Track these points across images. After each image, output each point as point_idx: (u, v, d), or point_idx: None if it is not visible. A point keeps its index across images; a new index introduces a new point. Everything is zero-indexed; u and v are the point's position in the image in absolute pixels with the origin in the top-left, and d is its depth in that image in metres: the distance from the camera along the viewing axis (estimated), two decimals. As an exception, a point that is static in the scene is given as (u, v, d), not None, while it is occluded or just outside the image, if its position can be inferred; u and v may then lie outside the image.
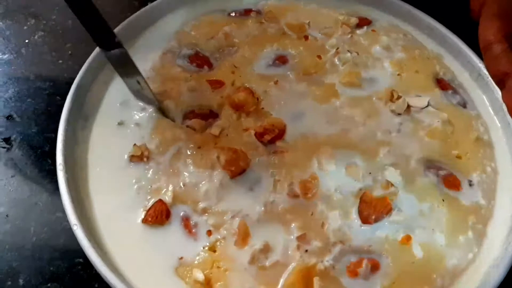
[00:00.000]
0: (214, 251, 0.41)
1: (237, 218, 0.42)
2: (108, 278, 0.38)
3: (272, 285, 0.40)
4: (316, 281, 0.39)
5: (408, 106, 0.49)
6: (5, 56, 0.64)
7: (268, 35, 0.55)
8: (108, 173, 0.45)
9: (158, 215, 0.42)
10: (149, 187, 0.44)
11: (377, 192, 0.43)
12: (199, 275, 0.39)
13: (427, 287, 0.40)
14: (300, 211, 0.43)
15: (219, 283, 0.40)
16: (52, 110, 0.58)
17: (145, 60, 0.54)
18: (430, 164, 0.46)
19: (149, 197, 0.44)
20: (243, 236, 0.42)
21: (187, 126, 0.48)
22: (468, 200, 0.45)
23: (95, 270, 0.39)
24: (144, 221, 0.42)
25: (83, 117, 0.49)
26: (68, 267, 0.47)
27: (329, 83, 0.51)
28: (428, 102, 0.49)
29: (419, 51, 0.55)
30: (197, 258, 0.41)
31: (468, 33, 0.47)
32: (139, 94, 0.49)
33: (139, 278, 0.40)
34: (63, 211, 0.41)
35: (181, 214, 0.43)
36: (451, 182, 0.45)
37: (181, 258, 0.41)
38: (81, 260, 0.47)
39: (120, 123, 0.48)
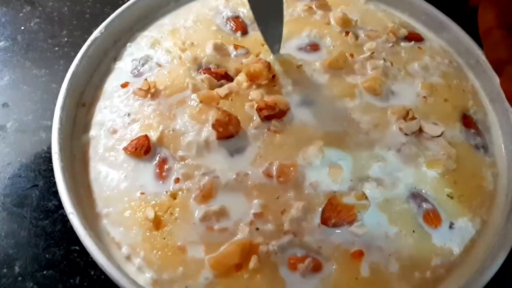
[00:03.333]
0: (174, 198, 0.43)
1: (207, 177, 0.43)
2: (105, 266, 0.38)
3: (212, 247, 0.40)
4: (253, 259, 0.39)
5: (420, 131, 0.47)
6: (1, 43, 0.63)
7: (312, 20, 0.55)
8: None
9: (138, 148, 0.44)
10: (143, 121, 0.46)
11: (348, 200, 0.42)
12: (150, 214, 0.41)
13: (360, 307, 0.39)
14: (268, 191, 0.43)
15: (166, 228, 0.41)
16: (48, 97, 0.58)
17: (190, 9, 0.56)
18: (416, 193, 0.44)
19: (138, 129, 0.46)
20: (205, 194, 0.42)
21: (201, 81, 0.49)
22: (442, 241, 0.42)
23: (91, 258, 0.39)
24: (125, 149, 0.45)
25: (80, 104, 0.50)
26: (64, 254, 0.47)
27: (350, 82, 0.50)
28: (442, 133, 0.47)
29: (457, 81, 0.52)
30: (156, 199, 0.43)
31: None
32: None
33: (101, 197, 0.43)
34: (59, 198, 0.42)
35: (160, 155, 0.45)
36: (431, 218, 0.43)
37: (143, 193, 0.43)
38: (77, 247, 0.47)
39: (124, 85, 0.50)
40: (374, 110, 0.48)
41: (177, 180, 0.43)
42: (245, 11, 0.55)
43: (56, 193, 0.42)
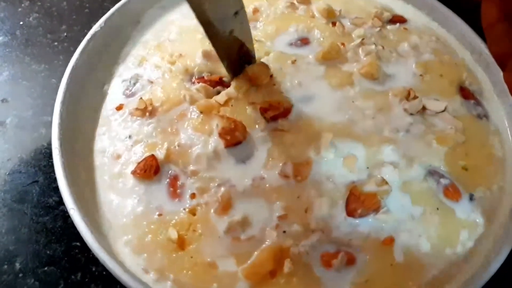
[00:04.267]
0: (194, 215, 0.41)
1: (222, 187, 0.42)
2: (106, 262, 0.38)
3: (243, 257, 0.39)
4: (286, 263, 0.39)
5: (424, 108, 0.47)
6: (0, 38, 0.63)
7: (296, 15, 0.55)
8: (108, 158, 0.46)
9: (147, 169, 0.43)
10: (146, 141, 0.45)
11: (370, 188, 0.42)
12: (173, 234, 0.40)
13: (400, 292, 0.39)
14: (287, 192, 0.42)
15: (191, 246, 0.40)
16: (48, 92, 0.57)
17: (171, 22, 0.55)
18: (432, 170, 0.44)
19: (142, 150, 0.44)
20: (225, 206, 0.41)
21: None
22: (465, 214, 0.42)
23: (92, 254, 0.39)
24: (133, 172, 0.43)
25: (79, 100, 0.48)
26: (65, 251, 0.47)
27: (347, 71, 0.50)
28: (446, 108, 0.47)
29: (448, 57, 0.52)
30: (176, 218, 0.41)
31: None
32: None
33: (117, 223, 0.41)
34: (59, 194, 0.41)
35: (171, 172, 0.43)
36: (451, 192, 0.43)
37: (160, 215, 0.41)
38: (78, 243, 0.47)
39: (119, 107, 0.48)
40: (375, 94, 0.48)
41: (193, 196, 0.42)
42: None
43: (56, 189, 0.42)
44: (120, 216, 0.42)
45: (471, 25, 0.53)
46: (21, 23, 0.65)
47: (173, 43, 0.53)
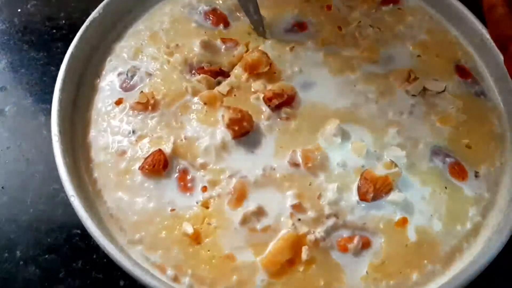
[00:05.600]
0: (207, 208, 0.41)
1: (234, 178, 0.42)
2: (107, 248, 0.37)
3: (260, 248, 0.39)
4: (304, 250, 0.39)
5: (424, 89, 0.48)
6: None
7: (290, 1, 0.54)
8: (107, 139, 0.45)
9: (156, 164, 0.42)
10: (151, 135, 0.44)
11: (380, 171, 0.42)
12: (189, 229, 0.39)
13: (416, 271, 0.40)
14: (298, 180, 0.42)
15: (207, 239, 0.40)
16: (47, 80, 0.57)
17: (161, 11, 0.53)
18: (437, 150, 0.45)
19: (148, 145, 0.43)
20: (239, 197, 0.41)
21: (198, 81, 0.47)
22: (472, 191, 0.44)
23: (93, 241, 0.38)
24: (141, 168, 0.42)
25: (79, 86, 0.48)
26: (66, 238, 0.47)
27: (346, 55, 0.50)
28: (445, 87, 0.48)
29: (442, 35, 0.53)
30: (189, 212, 0.41)
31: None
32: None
33: (129, 223, 0.41)
34: (60, 182, 0.41)
35: (179, 167, 0.43)
36: (457, 171, 0.44)
37: (173, 210, 0.41)
38: (78, 231, 0.47)
39: (118, 102, 0.47)
40: (377, 77, 0.49)
41: (204, 189, 0.42)
42: (220, 2, 0.53)
43: (57, 177, 0.41)
44: (130, 214, 0.41)
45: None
46: (19, 10, 0.63)
47: (167, 33, 0.51)
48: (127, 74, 0.48)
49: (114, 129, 0.45)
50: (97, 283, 0.45)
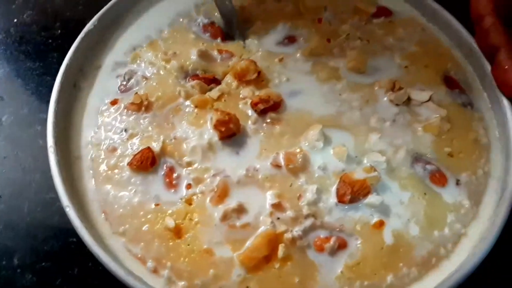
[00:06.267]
0: (190, 204, 0.43)
1: (218, 177, 0.44)
2: (101, 257, 0.39)
3: (238, 244, 0.41)
4: (281, 248, 0.40)
5: (409, 99, 0.49)
6: None
7: (283, 13, 0.56)
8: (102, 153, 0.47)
9: (144, 161, 0.44)
10: (142, 134, 0.46)
11: (359, 175, 0.43)
12: (170, 223, 0.41)
13: (391, 273, 0.40)
14: (280, 180, 0.44)
15: (188, 234, 0.42)
16: (43, 90, 0.58)
17: (162, 17, 0.56)
18: (419, 157, 0.46)
19: (138, 143, 0.46)
20: (221, 195, 0.43)
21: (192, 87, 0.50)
22: (452, 198, 0.44)
23: (89, 249, 0.40)
24: (129, 164, 0.44)
25: (73, 96, 0.50)
26: (62, 246, 0.48)
27: (333, 66, 0.52)
28: (430, 97, 0.49)
29: (433, 46, 0.54)
30: (173, 207, 0.43)
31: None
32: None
33: (114, 216, 0.43)
34: (56, 191, 0.42)
35: (166, 164, 0.45)
36: (438, 178, 0.45)
37: (157, 205, 0.43)
38: (74, 239, 0.48)
39: (113, 102, 0.49)
40: (362, 87, 0.50)
41: (188, 186, 0.44)
42: (218, 16, 0.56)
43: (53, 186, 0.43)
44: (116, 207, 0.43)
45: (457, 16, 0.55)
46: (15, 20, 0.65)
47: (165, 42, 0.54)
48: (124, 77, 0.51)
49: (107, 127, 0.48)
50: None
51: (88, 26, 0.52)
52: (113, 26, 0.54)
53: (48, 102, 0.47)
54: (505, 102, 0.48)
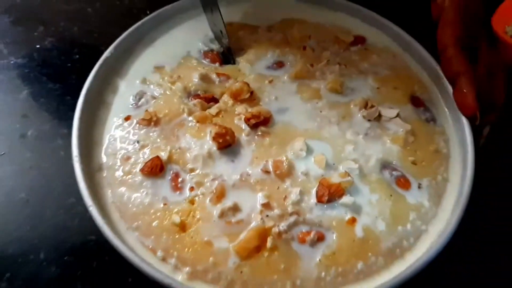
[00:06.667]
0: (193, 203, 0.50)
1: (216, 181, 0.51)
2: (120, 248, 0.45)
3: (233, 236, 0.48)
4: (269, 240, 0.47)
5: (380, 115, 0.57)
6: (19, 60, 0.70)
7: (273, 42, 0.65)
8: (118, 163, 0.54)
9: (154, 167, 0.51)
10: (152, 145, 0.54)
11: (335, 179, 0.51)
12: (177, 219, 0.48)
13: (361, 261, 0.47)
14: (269, 184, 0.51)
15: (191, 229, 0.49)
16: (63, 108, 0.65)
17: (169, 46, 0.64)
18: (386, 165, 0.53)
19: (149, 152, 0.53)
20: (219, 196, 0.50)
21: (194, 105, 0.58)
22: (414, 199, 0.52)
23: (106, 245, 0.45)
24: (141, 170, 0.52)
25: (93, 113, 0.57)
26: (82, 243, 0.55)
27: (315, 87, 0.60)
28: (398, 114, 0.57)
29: (402, 71, 0.62)
30: (178, 206, 0.50)
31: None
32: (215, 30, 0.62)
33: (128, 214, 0.50)
34: (75, 196, 0.48)
35: (173, 170, 0.52)
36: (402, 182, 0.52)
37: (165, 204, 0.50)
38: (93, 237, 0.55)
39: (127, 118, 0.57)
40: (339, 105, 0.58)
41: (191, 189, 0.51)
42: (217, 46, 0.64)
43: (73, 192, 0.49)
44: (130, 206, 0.50)
45: (424, 43, 0.63)
46: (38, 46, 0.72)
47: (170, 66, 0.62)
48: (136, 97, 0.59)
49: (122, 139, 0.55)
50: (108, 280, 0.53)
51: (105, 54, 0.59)
52: (126, 54, 0.62)
53: (67, 119, 0.53)
54: (464, 120, 0.55)
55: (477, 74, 0.51)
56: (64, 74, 0.69)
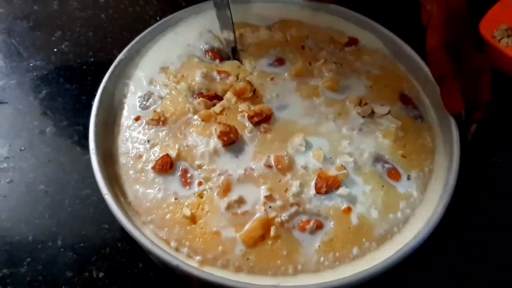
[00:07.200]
0: (201, 197, 0.54)
1: (222, 176, 0.55)
2: (133, 233, 0.49)
3: (240, 227, 0.52)
4: (273, 229, 0.52)
5: (372, 112, 0.61)
6: (38, 63, 0.76)
7: (273, 41, 0.69)
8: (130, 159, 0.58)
9: (164, 165, 0.55)
10: (161, 144, 0.58)
11: (332, 172, 0.55)
12: (187, 212, 0.53)
13: (356, 246, 0.52)
14: (271, 177, 0.55)
15: (201, 220, 0.53)
16: (79, 107, 0.71)
17: (171, 51, 0.68)
18: (379, 158, 0.58)
19: (159, 151, 0.57)
20: (225, 190, 0.54)
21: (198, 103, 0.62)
22: (404, 189, 0.56)
23: (118, 232, 0.51)
24: (153, 168, 0.56)
25: (107, 113, 0.61)
26: (96, 231, 0.60)
27: (313, 85, 0.64)
28: (389, 111, 0.61)
29: (392, 70, 0.67)
30: (188, 200, 0.54)
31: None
32: (225, 25, 0.65)
33: (143, 208, 0.54)
34: (91, 188, 0.53)
35: (182, 167, 0.56)
36: (393, 174, 0.57)
37: (176, 199, 0.54)
38: (107, 225, 0.60)
39: (137, 118, 0.61)
40: (335, 102, 0.62)
41: (200, 184, 0.55)
42: (217, 43, 0.68)
43: (88, 183, 0.56)
44: (144, 201, 0.54)
45: (415, 45, 0.67)
46: (55, 50, 0.78)
47: (175, 66, 0.66)
48: (144, 97, 0.63)
49: (133, 139, 0.59)
50: (121, 265, 0.58)
51: (119, 57, 0.63)
52: (135, 57, 0.66)
53: (83, 117, 0.58)
54: (450, 117, 0.59)
55: (463, 75, 0.55)
56: (80, 76, 0.74)
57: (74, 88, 0.73)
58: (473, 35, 0.54)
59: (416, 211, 0.56)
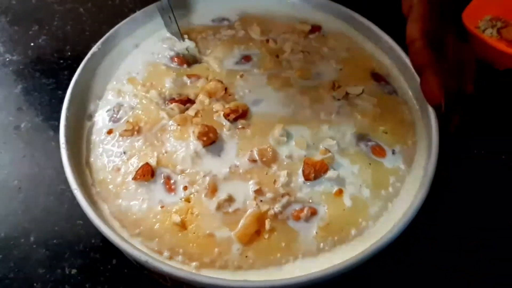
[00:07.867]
0: (189, 201, 0.52)
1: (207, 177, 0.54)
2: (102, 228, 0.48)
3: (233, 225, 0.51)
4: (267, 222, 0.50)
5: (347, 93, 0.61)
6: (14, 57, 0.76)
7: (236, 39, 0.68)
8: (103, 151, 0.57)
9: (145, 174, 0.53)
10: (139, 153, 0.56)
11: (318, 157, 0.55)
12: (177, 218, 0.51)
13: (354, 228, 0.51)
14: (257, 171, 0.54)
15: (192, 225, 0.51)
16: (55, 102, 0.70)
17: (134, 60, 0.66)
18: (361, 137, 0.58)
19: (137, 161, 0.55)
20: (212, 190, 0.53)
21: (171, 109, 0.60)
22: (391, 164, 0.56)
23: (92, 229, 0.49)
24: (134, 178, 0.53)
25: (82, 108, 0.60)
26: (70, 227, 0.59)
27: (284, 76, 0.63)
28: (363, 90, 0.62)
29: (359, 51, 0.67)
30: (175, 206, 0.52)
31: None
32: (169, 27, 0.65)
33: (129, 221, 0.52)
34: (65, 183, 0.51)
35: (164, 174, 0.54)
36: (378, 151, 0.57)
37: (163, 207, 0.52)
38: (81, 221, 0.59)
39: (109, 132, 0.59)
40: (309, 90, 0.62)
41: (185, 188, 0.53)
42: (182, 49, 0.67)
43: (63, 179, 0.52)
44: (129, 214, 0.52)
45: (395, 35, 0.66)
46: (32, 44, 0.77)
47: (142, 75, 0.64)
48: (113, 110, 0.60)
49: (108, 153, 0.56)
50: (94, 261, 0.57)
51: (92, 50, 0.62)
52: (111, 54, 0.66)
53: (58, 111, 0.56)
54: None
55: (445, 66, 0.55)
56: (57, 70, 0.74)
57: (50, 82, 0.73)
58: (457, 25, 0.54)
59: (405, 183, 0.56)
